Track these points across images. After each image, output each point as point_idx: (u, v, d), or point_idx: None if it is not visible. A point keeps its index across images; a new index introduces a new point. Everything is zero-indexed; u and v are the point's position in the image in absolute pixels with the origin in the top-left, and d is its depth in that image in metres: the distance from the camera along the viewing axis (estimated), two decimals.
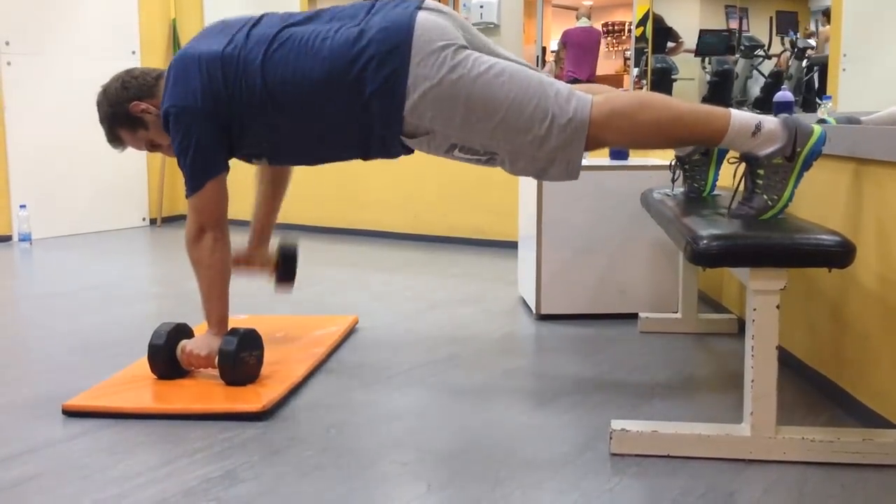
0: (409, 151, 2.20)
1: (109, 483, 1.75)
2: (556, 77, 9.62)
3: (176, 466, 1.82)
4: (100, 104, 2.38)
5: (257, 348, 2.33)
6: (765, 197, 1.95)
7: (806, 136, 1.92)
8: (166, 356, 2.31)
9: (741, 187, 2.02)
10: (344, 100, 2.09)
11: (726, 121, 1.94)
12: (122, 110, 2.34)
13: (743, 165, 1.99)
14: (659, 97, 2.05)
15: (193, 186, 2.28)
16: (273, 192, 2.76)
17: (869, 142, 2.03)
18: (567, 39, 8.64)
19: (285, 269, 2.77)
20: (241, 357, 2.25)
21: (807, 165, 1.93)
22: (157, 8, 6.02)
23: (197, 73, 2.20)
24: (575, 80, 7.94)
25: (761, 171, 1.95)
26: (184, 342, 2.33)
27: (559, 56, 8.55)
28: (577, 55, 8.41)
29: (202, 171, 2.27)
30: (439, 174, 5.02)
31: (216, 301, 2.34)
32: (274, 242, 2.80)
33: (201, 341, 2.32)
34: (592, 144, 2.04)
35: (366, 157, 2.28)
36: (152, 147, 2.41)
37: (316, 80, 2.09)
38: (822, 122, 2.49)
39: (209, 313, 2.34)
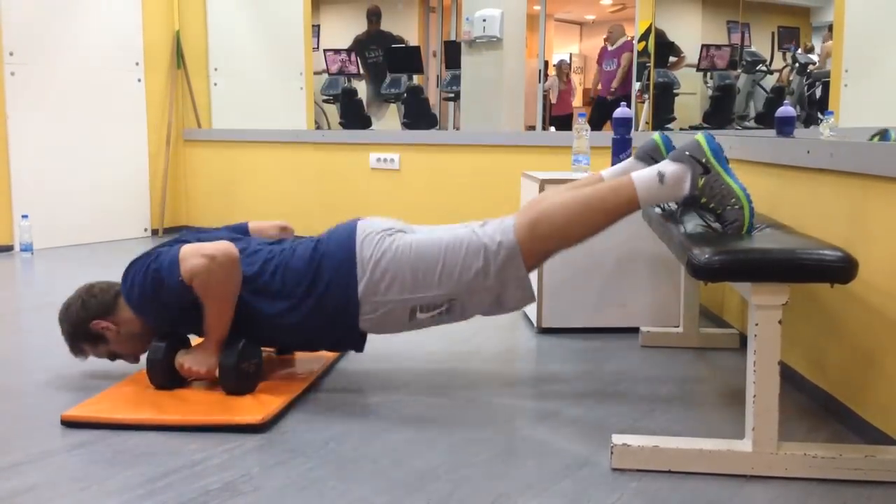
0: (360, 346, 2.41)
1: (108, 495, 1.74)
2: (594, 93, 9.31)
3: (175, 478, 1.82)
4: (61, 321, 2.46)
5: (256, 356, 2.33)
6: (728, 207, 2.02)
7: (697, 147, 2.06)
8: (165, 368, 2.31)
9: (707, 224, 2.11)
10: (305, 294, 2.28)
11: (631, 187, 2.13)
12: (83, 329, 2.42)
13: (691, 210, 2.14)
14: (564, 194, 2.26)
15: (173, 261, 2.23)
16: None
17: (872, 158, 2.03)
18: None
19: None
20: (242, 367, 2.25)
21: (721, 160, 2.05)
22: (160, 20, 6.04)
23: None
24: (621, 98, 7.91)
25: (704, 199, 2.06)
26: (181, 356, 2.32)
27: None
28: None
29: (171, 253, 2.25)
30: (439, 189, 5.03)
31: (224, 326, 2.32)
32: None
33: (199, 357, 2.31)
34: (536, 258, 2.27)
35: (320, 345, 2.52)
36: (113, 356, 2.49)
37: (280, 283, 2.31)
38: (883, 131, 2.51)
39: (212, 334, 2.32)
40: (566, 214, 2.21)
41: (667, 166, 2.09)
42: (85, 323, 2.42)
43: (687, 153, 2.06)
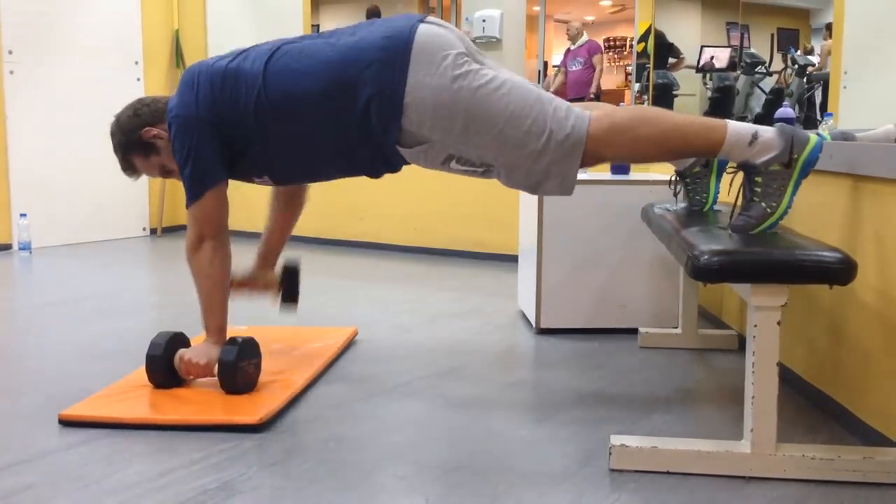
0: (406, 163, 2.22)
1: (105, 494, 1.73)
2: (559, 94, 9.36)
3: (173, 477, 1.81)
4: (113, 134, 2.43)
5: (256, 356, 2.33)
6: (763, 205, 1.95)
7: (802, 143, 1.93)
8: (164, 365, 2.31)
9: (741, 199, 2.02)
10: (343, 103, 2.10)
11: (723, 132, 1.96)
12: (135, 137, 2.38)
13: (741, 175, 2.00)
14: (657, 113, 2.07)
15: (193, 195, 2.30)
16: (286, 216, 2.77)
17: (868, 158, 2.03)
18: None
19: (289, 288, 2.77)
20: (241, 366, 2.25)
21: (804, 172, 1.94)
22: (159, 18, 6.04)
23: (199, 84, 2.27)
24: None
25: (759, 179, 1.95)
26: (182, 351, 2.33)
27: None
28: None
29: (202, 180, 2.28)
30: (440, 187, 5.02)
31: (216, 310, 2.35)
32: (278, 264, 2.80)
33: (200, 350, 2.33)
34: (590, 160, 2.06)
35: (367, 172, 2.31)
36: (165, 172, 2.45)
37: (316, 84, 2.12)
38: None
39: (208, 322, 2.35)
40: (648, 134, 2.00)
41: (765, 133, 1.94)
42: (136, 131, 2.38)
43: (792, 138, 1.93)
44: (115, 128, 2.43)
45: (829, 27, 5.12)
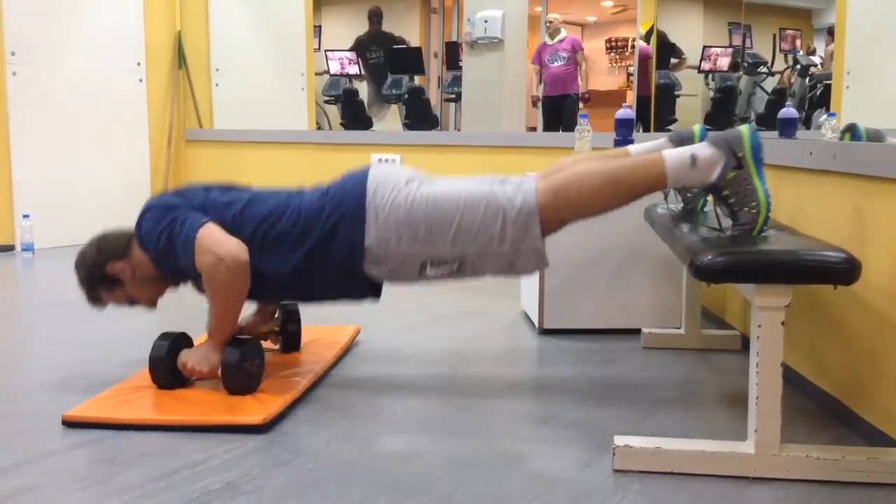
0: (376, 293, 2.38)
1: (109, 495, 1.73)
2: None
3: (176, 478, 1.81)
4: (77, 268, 2.48)
5: (258, 356, 2.33)
6: (746, 209, 1.99)
7: (738, 139, 2.00)
8: (167, 366, 2.31)
9: (719, 212, 2.08)
10: (304, 231, 2.26)
11: (661, 164, 2.06)
12: (100, 272, 2.43)
13: (710, 197, 2.06)
14: (591, 166, 2.18)
15: (188, 242, 2.24)
16: None
17: (876, 159, 2.03)
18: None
19: (291, 334, 2.80)
20: (244, 367, 2.25)
21: (757, 160, 1.99)
22: (162, 20, 6.05)
23: (179, 192, 2.43)
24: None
25: (726, 192, 2.01)
26: (184, 354, 2.33)
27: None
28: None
29: (188, 230, 2.25)
30: None
31: (227, 327, 2.33)
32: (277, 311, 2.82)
33: (202, 355, 2.31)
34: (552, 226, 2.19)
35: (332, 296, 2.46)
36: (131, 302, 2.50)
37: (286, 221, 2.29)
38: (852, 127, 2.49)
39: (215, 334, 2.33)
40: (591, 186, 2.13)
41: (701, 150, 2.02)
42: (101, 266, 2.42)
43: (726, 142, 2.00)
44: (80, 262, 2.47)
45: (830, 30, 5.12)
